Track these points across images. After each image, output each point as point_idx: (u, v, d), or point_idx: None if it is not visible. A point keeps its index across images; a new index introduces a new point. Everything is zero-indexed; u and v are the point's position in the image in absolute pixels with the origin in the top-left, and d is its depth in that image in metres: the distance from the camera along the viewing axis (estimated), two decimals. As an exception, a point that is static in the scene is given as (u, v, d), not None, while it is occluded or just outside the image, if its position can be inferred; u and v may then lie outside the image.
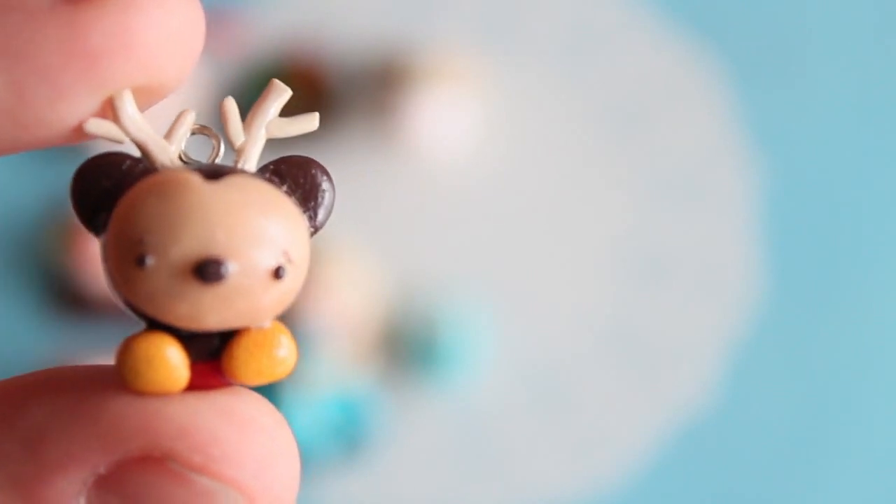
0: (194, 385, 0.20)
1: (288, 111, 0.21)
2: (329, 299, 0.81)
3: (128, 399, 0.20)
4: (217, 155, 0.21)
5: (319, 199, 0.21)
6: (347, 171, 0.81)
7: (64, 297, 0.82)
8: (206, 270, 0.19)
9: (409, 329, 0.83)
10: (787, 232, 0.84)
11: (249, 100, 0.21)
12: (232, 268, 0.19)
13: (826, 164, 0.84)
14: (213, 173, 0.20)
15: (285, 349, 0.20)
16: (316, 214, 0.21)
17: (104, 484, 0.19)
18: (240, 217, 0.19)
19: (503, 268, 0.84)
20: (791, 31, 0.84)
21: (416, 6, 0.84)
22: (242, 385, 0.20)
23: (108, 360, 0.21)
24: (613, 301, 0.83)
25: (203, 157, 0.21)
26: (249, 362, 0.20)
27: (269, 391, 0.21)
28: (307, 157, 0.21)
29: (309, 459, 0.79)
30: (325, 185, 0.21)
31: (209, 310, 0.20)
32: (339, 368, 0.81)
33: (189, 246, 0.19)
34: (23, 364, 0.81)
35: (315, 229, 0.21)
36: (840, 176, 0.84)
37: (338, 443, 0.80)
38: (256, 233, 0.19)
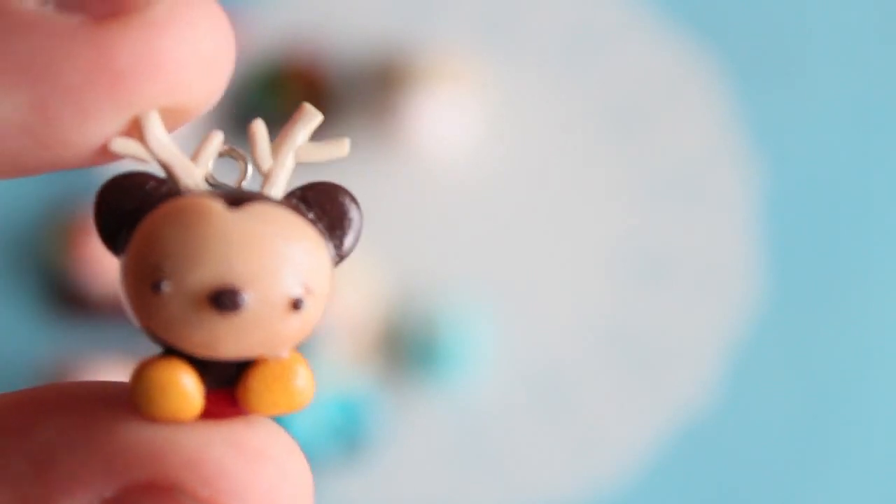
0: (209, 413, 0.20)
1: (286, 110, 0.21)
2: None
3: (138, 424, 0.19)
4: (244, 178, 0.21)
5: (346, 227, 0.20)
6: (347, 172, 0.81)
7: (64, 297, 0.82)
8: (222, 299, 0.19)
9: (409, 329, 0.83)
10: (787, 232, 0.84)
11: (249, 100, 0.21)
12: (248, 298, 0.19)
13: (826, 164, 0.84)
14: (237, 200, 0.19)
15: (303, 382, 0.20)
16: (342, 243, 0.20)
17: None
18: (259, 247, 0.19)
19: (503, 268, 0.84)
20: (791, 32, 0.84)
21: (416, 6, 0.84)
22: (257, 415, 0.20)
23: (110, 362, 0.21)
24: (613, 301, 0.83)
25: (231, 180, 0.20)
26: (265, 395, 0.20)
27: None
28: (335, 184, 0.21)
29: (309, 460, 0.79)
30: (352, 213, 0.20)
31: (225, 339, 0.19)
32: (340, 369, 0.81)
33: (206, 274, 0.19)
34: (23, 364, 0.81)
35: (341, 258, 0.20)
36: (840, 176, 0.84)
37: (338, 443, 0.80)
38: (275, 263, 0.19)
